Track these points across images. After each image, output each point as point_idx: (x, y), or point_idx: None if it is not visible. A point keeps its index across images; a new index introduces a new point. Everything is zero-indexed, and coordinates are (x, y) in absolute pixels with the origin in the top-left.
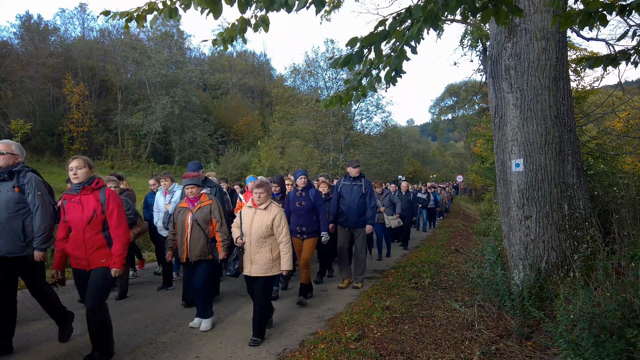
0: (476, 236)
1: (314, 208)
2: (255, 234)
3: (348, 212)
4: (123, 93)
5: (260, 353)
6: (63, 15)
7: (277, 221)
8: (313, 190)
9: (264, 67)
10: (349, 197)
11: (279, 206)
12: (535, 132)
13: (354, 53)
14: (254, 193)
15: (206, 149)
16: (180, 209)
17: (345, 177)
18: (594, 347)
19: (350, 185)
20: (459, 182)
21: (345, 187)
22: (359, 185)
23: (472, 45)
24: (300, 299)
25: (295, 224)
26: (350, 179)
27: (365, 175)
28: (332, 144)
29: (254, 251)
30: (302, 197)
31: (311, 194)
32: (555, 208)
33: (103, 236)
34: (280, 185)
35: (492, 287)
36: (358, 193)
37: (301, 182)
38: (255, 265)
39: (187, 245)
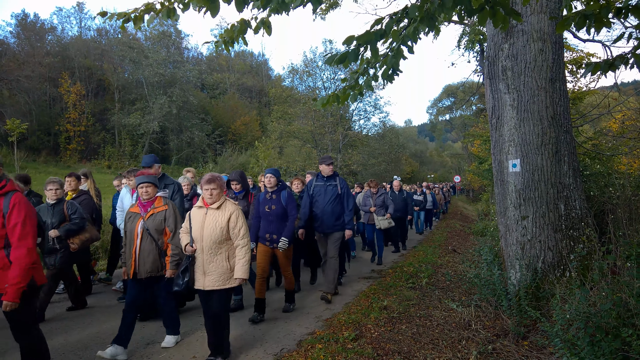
0: (473, 236)
1: (285, 213)
2: (208, 238)
3: (323, 216)
4: (120, 92)
5: (257, 353)
6: (60, 14)
7: (234, 221)
8: (285, 192)
9: (262, 67)
10: (323, 199)
11: (234, 204)
12: (532, 132)
13: (350, 51)
14: (204, 190)
15: (204, 148)
16: (130, 214)
17: (317, 177)
18: (590, 347)
19: (324, 186)
20: (456, 183)
21: (318, 188)
22: (333, 185)
23: (469, 47)
24: (285, 306)
25: (264, 231)
26: (324, 178)
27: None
28: (330, 144)
29: (207, 260)
30: (272, 200)
31: (283, 197)
32: (552, 208)
33: (5, 254)
34: (241, 182)
35: (489, 287)
36: (333, 194)
37: (268, 182)
38: (210, 277)
39: (136, 259)
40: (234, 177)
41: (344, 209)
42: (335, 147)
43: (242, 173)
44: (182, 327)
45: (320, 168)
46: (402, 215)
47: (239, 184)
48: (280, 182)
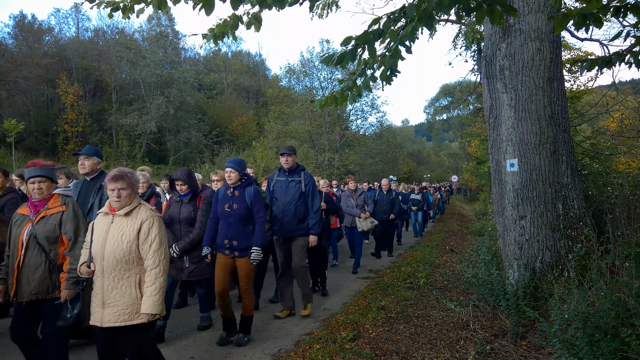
0: (471, 236)
1: (250, 214)
2: (110, 256)
3: (283, 217)
4: (118, 93)
5: (255, 353)
6: (57, 15)
7: (145, 233)
8: (251, 189)
9: (259, 67)
10: (284, 197)
11: (151, 209)
12: (530, 132)
13: (348, 51)
14: (109, 190)
15: (201, 149)
16: (18, 217)
17: (279, 171)
18: (588, 347)
19: (285, 182)
20: (454, 182)
21: (279, 185)
22: (296, 181)
23: (468, 46)
24: (238, 338)
25: (222, 236)
26: (285, 173)
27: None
28: (328, 144)
29: (109, 285)
30: (234, 197)
31: (248, 194)
32: (550, 208)
33: None
34: (187, 182)
35: (487, 286)
36: (296, 192)
37: (228, 177)
38: (111, 310)
39: (18, 276)
40: (179, 175)
41: (308, 211)
42: (332, 147)
43: (190, 171)
44: (179, 326)
45: (281, 160)
46: (389, 218)
47: (185, 184)
48: (246, 177)
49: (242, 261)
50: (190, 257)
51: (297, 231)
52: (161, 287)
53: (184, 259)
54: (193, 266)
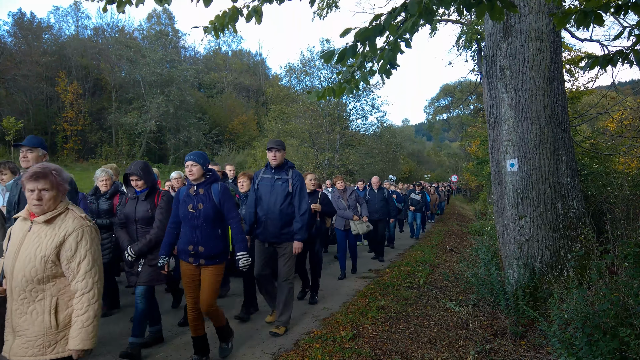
0: (471, 236)
1: (219, 215)
2: (20, 273)
3: (267, 220)
4: (117, 92)
5: (255, 352)
6: (57, 13)
7: (70, 247)
8: (218, 186)
9: (260, 66)
10: (269, 197)
11: (81, 217)
12: (530, 132)
13: (348, 48)
14: (27, 191)
15: (201, 148)
16: None
17: (265, 168)
18: (588, 346)
19: (271, 180)
20: (454, 182)
21: (264, 184)
22: (283, 180)
23: (467, 46)
24: (221, 349)
25: (186, 241)
26: (272, 170)
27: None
28: (328, 143)
29: (17, 310)
30: (199, 196)
31: (215, 192)
32: (549, 208)
33: None
34: (143, 177)
35: (486, 286)
36: (282, 192)
37: (190, 172)
38: (20, 341)
39: None
40: (133, 169)
41: (295, 212)
42: (332, 147)
43: (146, 164)
44: (177, 328)
45: (268, 157)
46: (380, 217)
47: (140, 179)
48: (210, 173)
49: (209, 271)
50: (147, 260)
51: (282, 236)
52: (95, 315)
53: (140, 263)
54: (149, 270)
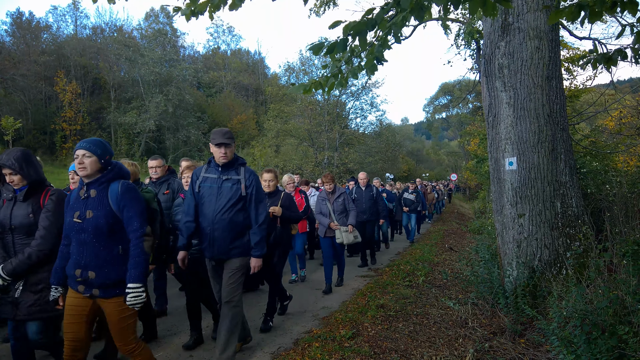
0: (470, 234)
1: (116, 226)
2: None
3: (213, 231)
4: (116, 91)
5: (254, 352)
6: (55, 13)
7: None
8: (118, 185)
9: (259, 65)
10: (214, 202)
11: None
12: (529, 130)
13: (339, 41)
14: None
15: (200, 147)
16: None
17: (207, 165)
18: (586, 344)
19: (217, 181)
20: (452, 180)
21: (208, 185)
22: (233, 180)
23: (466, 44)
24: None
25: (73, 263)
26: (217, 168)
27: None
28: (327, 142)
29: None
30: (89, 201)
31: (112, 194)
32: (548, 206)
33: None
34: (19, 171)
35: (485, 284)
36: (233, 195)
37: (80, 163)
38: None
39: None
40: (5, 160)
41: (249, 222)
42: (332, 146)
43: (25, 153)
44: (177, 325)
45: (213, 152)
46: (369, 219)
47: (16, 173)
48: (109, 166)
49: (109, 304)
50: (28, 285)
51: (232, 250)
52: None
53: (17, 288)
54: (33, 298)
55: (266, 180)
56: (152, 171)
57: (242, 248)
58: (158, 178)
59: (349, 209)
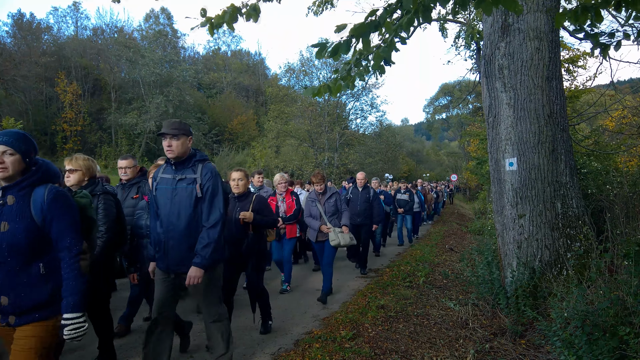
0: (470, 235)
1: (39, 241)
2: None
3: (168, 239)
4: (117, 92)
5: (254, 353)
6: (56, 14)
7: None
8: (44, 190)
9: (259, 66)
10: (169, 207)
11: None
12: (529, 131)
13: (342, 42)
14: None
15: (200, 148)
16: None
17: (166, 164)
18: (587, 345)
19: (172, 182)
20: (452, 181)
21: (163, 187)
22: (189, 180)
23: (466, 43)
24: None
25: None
26: (171, 166)
27: None
28: (327, 143)
29: None
30: (5, 210)
31: (35, 201)
32: (549, 207)
33: None
34: None
35: (486, 285)
36: (188, 197)
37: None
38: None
39: None
40: None
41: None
42: (332, 146)
43: None
44: None
45: (164, 146)
46: (363, 222)
47: None
48: (34, 166)
49: (25, 331)
50: None
51: (190, 262)
52: None
53: None
54: None
55: (235, 179)
56: (122, 172)
57: (205, 259)
58: (128, 180)
59: (341, 210)
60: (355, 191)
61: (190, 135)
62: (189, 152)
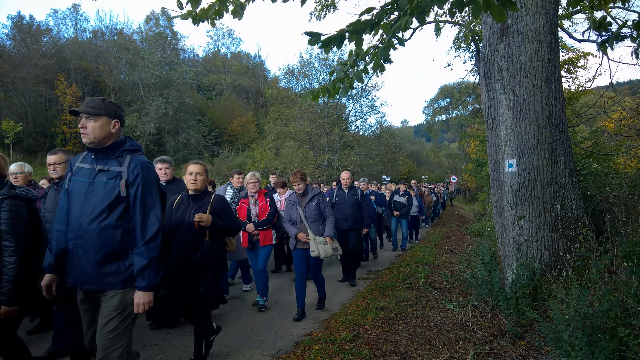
0: (470, 236)
1: None
2: None
3: (76, 247)
4: (116, 94)
5: (254, 354)
6: (55, 16)
7: None
8: None
9: (259, 68)
10: (82, 205)
11: None
12: (528, 132)
13: (335, 36)
14: None
15: (200, 150)
16: None
17: (86, 151)
18: (587, 347)
19: (90, 174)
20: (453, 183)
21: (78, 180)
22: (112, 173)
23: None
24: None
25: None
26: (91, 157)
27: (360, 176)
28: (327, 145)
29: None
30: None
31: None
32: (548, 208)
33: None
34: None
35: (486, 287)
36: (107, 195)
37: None
38: None
39: None
40: None
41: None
42: (331, 148)
43: None
44: (176, 327)
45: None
46: (352, 226)
47: None
48: None
49: None
50: None
51: (105, 278)
52: None
53: None
54: None
55: (192, 173)
56: (51, 169)
57: (123, 276)
58: (59, 178)
59: (325, 214)
60: (340, 193)
61: (116, 119)
62: (116, 139)
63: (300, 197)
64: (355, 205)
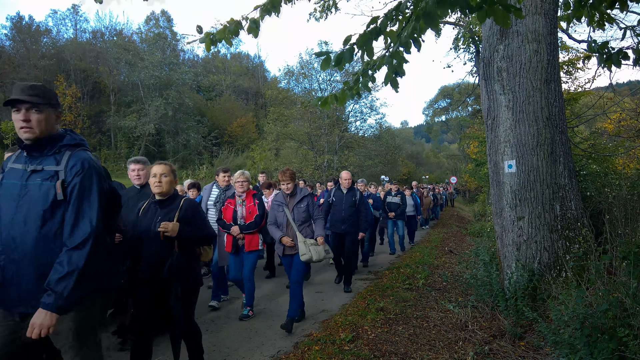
0: (470, 237)
1: None
2: None
3: (7, 263)
4: (116, 95)
5: (254, 355)
6: (55, 17)
7: None
8: None
9: (258, 69)
10: (14, 213)
11: None
12: (528, 133)
13: (345, 51)
14: None
15: (200, 150)
16: None
17: (19, 151)
18: (586, 347)
19: (22, 176)
20: (453, 183)
21: (9, 180)
22: (46, 174)
23: (465, 48)
24: None
25: None
26: (24, 157)
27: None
28: (327, 145)
29: None
30: None
31: None
32: (548, 209)
33: None
34: None
35: (485, 287)
36: (42, 200)
37: None
38: None
39: None
40: None
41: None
42: (331, 149)
43: None
44: None
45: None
46: (348, 230)
47: None
48: None
49: None
50: None
51: (40, 297)
52: None
53: None
54: None
55: (155, 175)
56: None
57: (56, 300)
58: None
59: (313, 217)
60: (338, 194)
61: (58, 109)
62: (54, 133)
63: (288, 198)
64: (353, 207)
